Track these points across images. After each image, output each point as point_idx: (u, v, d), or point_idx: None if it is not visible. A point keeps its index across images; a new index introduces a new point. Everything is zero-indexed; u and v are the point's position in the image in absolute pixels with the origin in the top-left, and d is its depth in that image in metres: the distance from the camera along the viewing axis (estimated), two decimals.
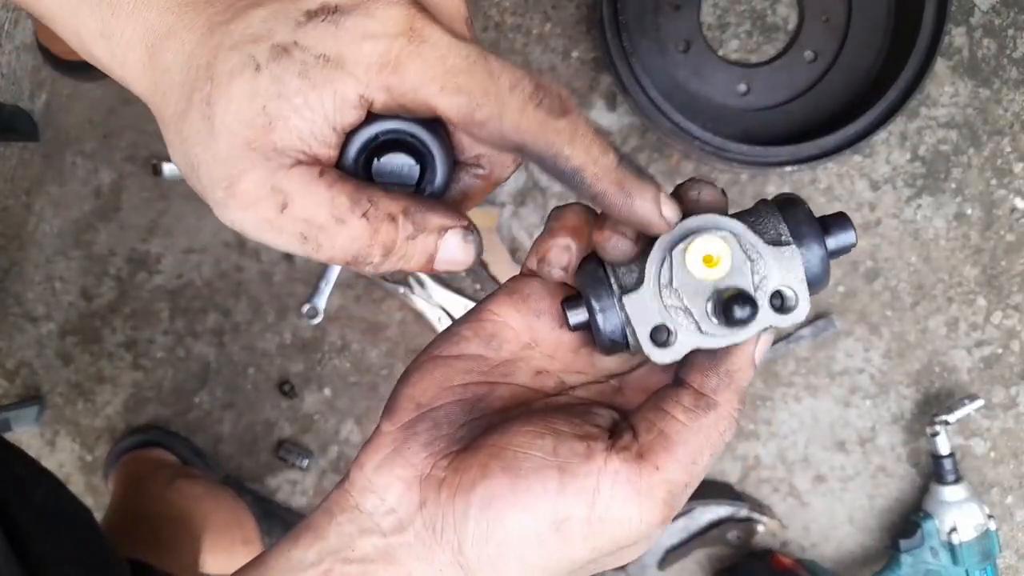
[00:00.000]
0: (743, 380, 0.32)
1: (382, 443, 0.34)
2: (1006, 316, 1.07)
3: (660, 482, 0.31)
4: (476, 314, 0.36)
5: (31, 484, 0.58)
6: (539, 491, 0.30)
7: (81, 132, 1.06)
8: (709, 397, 0.32)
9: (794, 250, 0.31)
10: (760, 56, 1.03)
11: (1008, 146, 1.05)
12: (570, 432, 0.32)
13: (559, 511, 0.30)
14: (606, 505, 0.30)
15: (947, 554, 1.00)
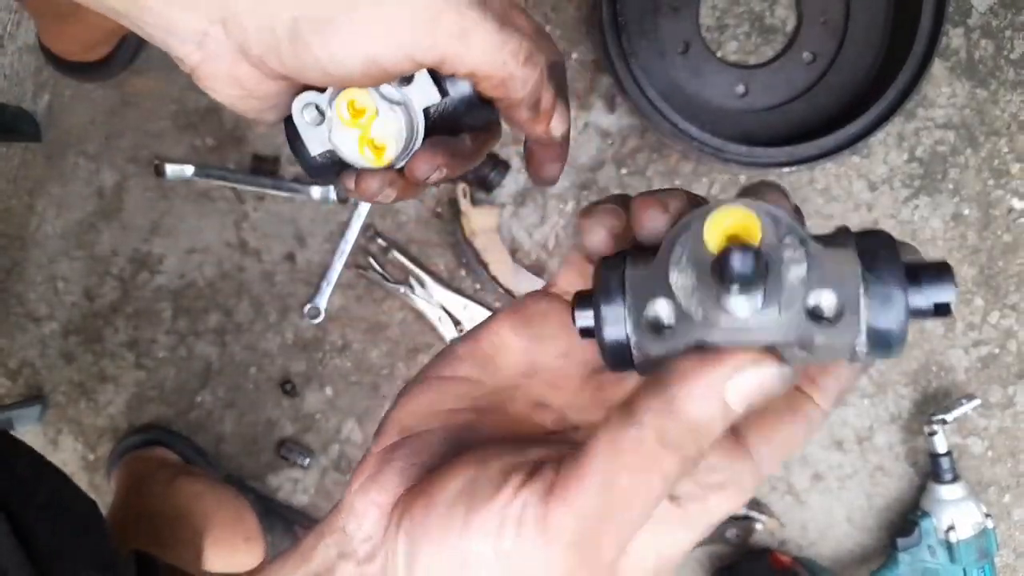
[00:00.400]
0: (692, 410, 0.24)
1: (366, 465, 0.32)
2: (1003, 316, 1.07)
3: (567, 518, 0.25)
4: (476, 331, 0.33)
5: (36, 480, 0.58)
6: (446, 528, 0.27)
7: (83, 133, 1.06)
8: (636, 409, 0.25)
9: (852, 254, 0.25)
10: (758, 57, 1.04)
11: (1005, 147, 1.05)
12: (497, 464, 0.28)
13: (464, 553, 0.27)
14: (511, 547, 0.26)
15: (945, 552, 1.00)
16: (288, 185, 1.05)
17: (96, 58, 1.02)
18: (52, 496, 0.58)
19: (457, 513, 0.27)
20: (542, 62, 0.37)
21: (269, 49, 0.35)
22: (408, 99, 0.37)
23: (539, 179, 0.43)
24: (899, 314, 0.24)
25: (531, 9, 1.04)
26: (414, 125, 0.38)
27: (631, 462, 0.24)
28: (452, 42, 0.34)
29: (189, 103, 1.06)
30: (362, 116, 0.37)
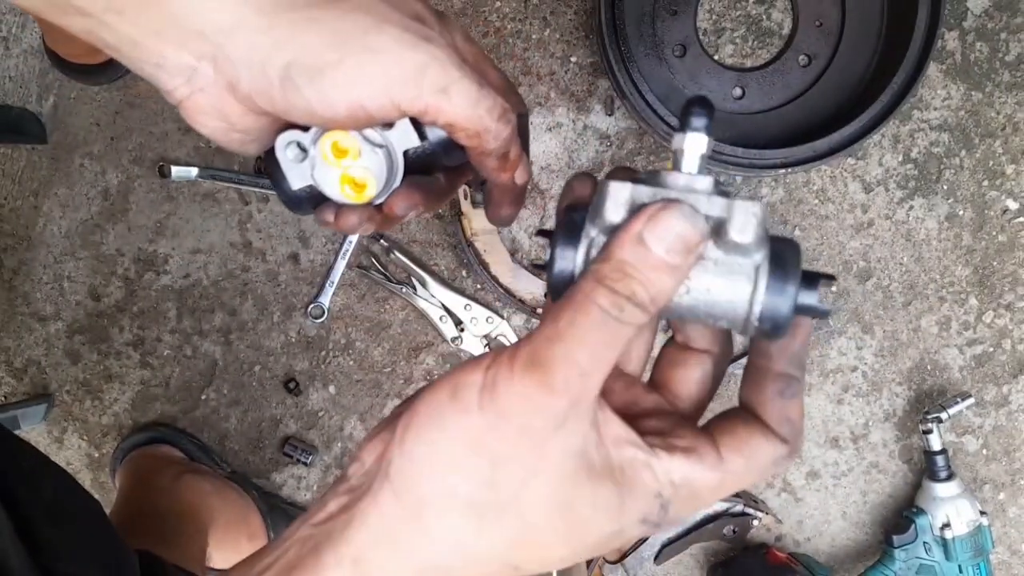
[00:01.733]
0: (623, 253, 0.30)
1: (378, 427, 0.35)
2: (997, 315, 1.08)
3: (524, 354, 0.30)
4: None
5: (40, 477, 0.58)
6: (437, 412, 0.30)
7: (88, 134, 1.07)
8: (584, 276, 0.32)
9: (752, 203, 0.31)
10: (755, 60, 1.05)
11: (1000, 148, 1.06)
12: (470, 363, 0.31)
13: (452, 422, 0.30)
14: (489, 401, 0.30)
15: (940, 549, 1.01)
16: None
17: (101, 60, 1.02)
18: (57, 494, 0.58)
19: (443, 398, 0.30)
20: (513, 120, 0.40)
21: (259, 90, 0.37)
22: (390, 142, 0.40)
23: (497, 219, 0.47)
24: (787, 305, 0.31)
25: (530, 14, 1.05)
26: (394, 166, 0.40)
27: (574, 299, 0.30)
28: (435, 96, 0.37)
29: None
30: (345, 156, 0.39)
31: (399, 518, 0.30)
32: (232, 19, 0.36)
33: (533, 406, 0.29)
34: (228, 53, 0.36)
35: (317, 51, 0.36)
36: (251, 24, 0.36)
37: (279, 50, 0.36)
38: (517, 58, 1.06)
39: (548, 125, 1.06)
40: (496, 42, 1.05)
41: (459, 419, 0.30)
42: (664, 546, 1.07)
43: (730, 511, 1.06)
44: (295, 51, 0.36)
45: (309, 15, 0.36)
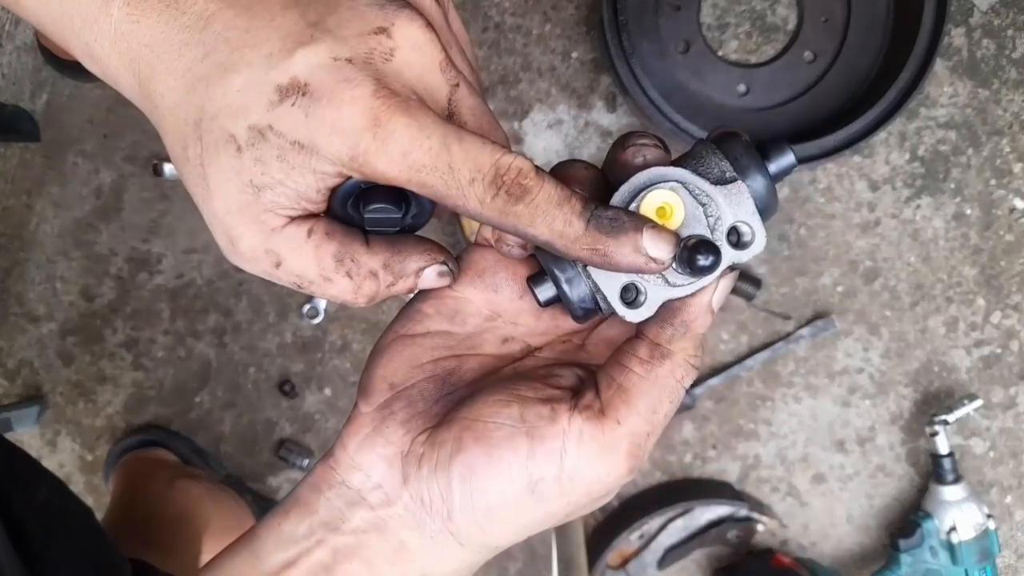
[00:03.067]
0: (700, 328, 0.33)
1: (361, 423, 0.35)
2: (1005, 316, 1.07)
3: (623, 435, 0.32)
4: (435, 291, 0.37)
5: (34, 482, 0.58)
6: (511, 458, 0.32)
7: (82, 132, 1.06)
8: (664, 347, 0.32)
9: (740, 185, 0.32)
10: (759, 56, 1.04)
11: (1007, 146, 1.05)
12: (534, 397, 0.33)
13: (532, 474, 0.32)
14: (574, 463, 0.32)
15: (946, 553, 1.00)
16: None
17: None
18: (50, 499, 0.57)
19: (520, 443, 0.32)
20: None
21: None
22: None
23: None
24: (769, 190, 0.32)
25: (531, 9, 1.04)
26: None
27: (671, 389, 0.32)
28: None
29: None
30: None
31: (464, 561, 0.34)
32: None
33: (613, 484, 0.33)
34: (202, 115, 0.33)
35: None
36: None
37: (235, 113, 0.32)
38: (517, 53, 1.04)
39: (549, 122, 1.05)
40: (496, 37, 1.04)
41: (536, 507, 0.32)
42: (668, 551, 1.05)
43: (734, 515, 1.05)
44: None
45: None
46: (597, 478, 0.32)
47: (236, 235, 0.32)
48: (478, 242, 0.37)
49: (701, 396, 1.06)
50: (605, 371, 0.33)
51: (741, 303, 1.06)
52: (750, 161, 0.32)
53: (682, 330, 0.32)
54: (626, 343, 0.34)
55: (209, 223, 0.33)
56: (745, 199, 0.32)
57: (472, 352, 0.37)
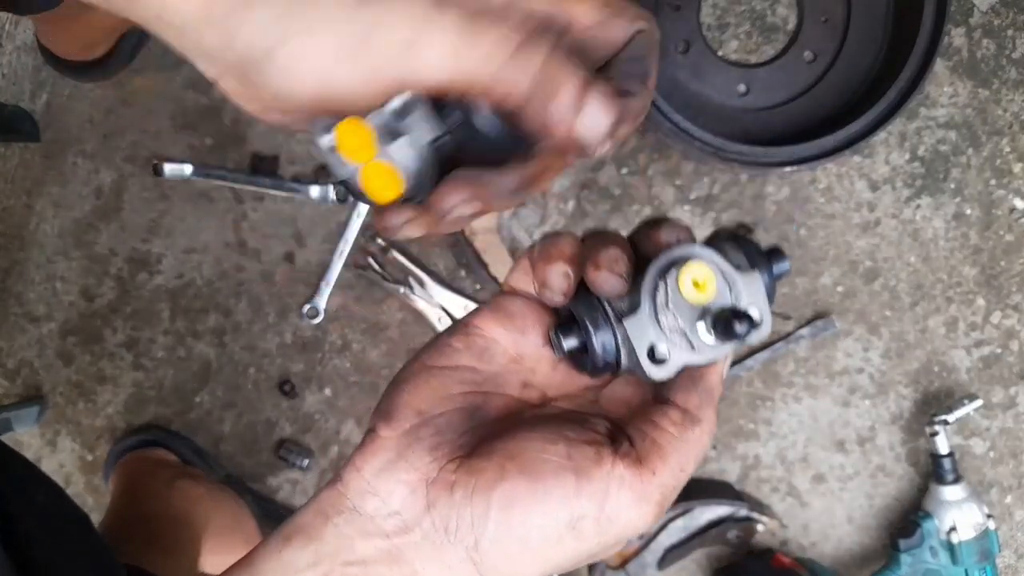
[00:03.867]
0: (717, 396, 0.36)
1: (382, 447, 0.35)
2: (1005, 316, 1.07)
3: (656, 486, 0.34)
4: (464, 328, 0.38)
5: (31, 487, 0.57)
6: (558, 493, 0.33)
7: (82, 132, 1.06)
8: (693, 413, 0.35)
9: (756, 275, 0.36)
10: (759, 56, 1.04)
11: (1007, 146, 1.05)
12: (579, 438, 0.34)
13: (575, 511, 0.33)
14: (614, 506, 0.33)
15: (946, 553, 1.00)
16: (287, 185, 1.05)
17: (94, 57, 1.01)
18: (48, 502, 0.57)
19: (567, 479, 0.33)
20: (543, 48, 0.33)
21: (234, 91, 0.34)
22: (410, 131, 0.34)
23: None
24: (773, 287, 0.38)
25: None
26: (421, 158, 0.35)
27: (698, 451, 0.35)
28: (401, 59, 0.32)
29: (188, 102, 1.06)
30: (359, 149, 0.33)
31: None
32: (197, 11, 0.32)
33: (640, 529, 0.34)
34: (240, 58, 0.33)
35: (262, 31, 0.32)
36: (215, 14, 0.32)
37: (232, 42, 0.32)
38: None
39: None
40: None
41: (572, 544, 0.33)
42: (668, 551, 1.05)
43: (734, 516, 1.05)
44: (245, 38, 0.32)
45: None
46: (630, 522, 0.34)
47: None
48: (508, 290, 0.39)
49: None
50: (637, 427, 0.35)
51: None
52: (761, 260, 0.37)
53: (707, 398, 0.36)
54: (657, 405, 0.36)
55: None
56: (759, 287, 0.36)
57: (497, 391, 0.38)
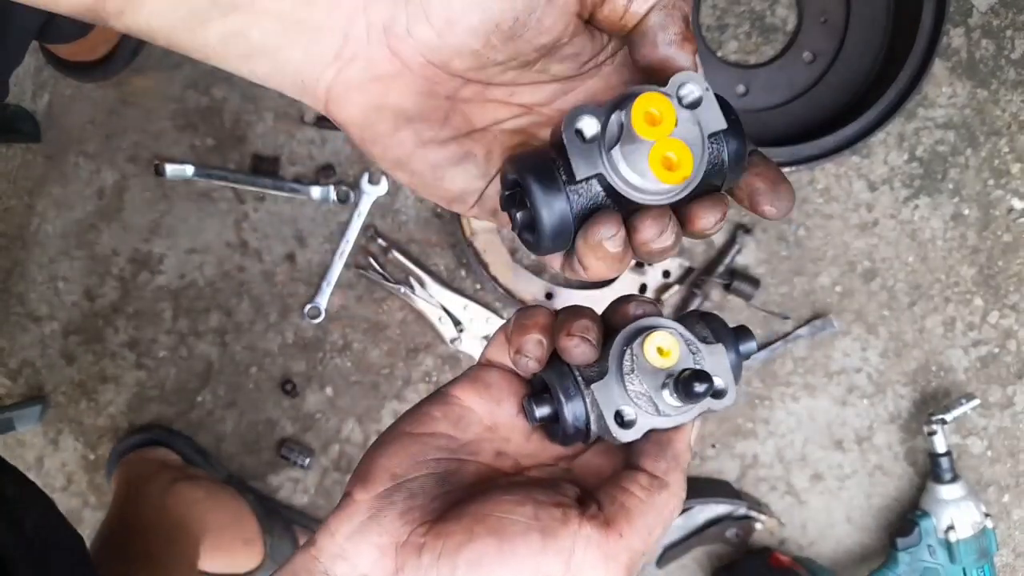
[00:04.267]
0: (685, 462, 0.37)
1: (355, 511, 0.36)
2: (1003, 316, 1.07)
3: (624, 548, 0.34)
4: (443, 398, 0.39)
5: (23, 508, 0.57)
6: (524, 552, 0.33)
7: (83, 133, 1.06)
8: (661, 478, 0.36)
9: (720, 347, 0.37)
10: (759, 57, 1.04)
11: (1006, 147, 1.05)
12: (547, 500, 0.35)
13: (541, 570, 0.33)
14: (579, 565, 0.34)
15: (944, 552, 1.00)
16: (288, 185, 1.05)
17: (96, 57, 1.02)
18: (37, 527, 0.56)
19: (533, 538, 0.34)
20: None
21: (416, 7, 0.34)
22: (700, 118, 0.33)
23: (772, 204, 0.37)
24: (739, 362, 0.39)
25: None
26: (703, 145, 0.33)
27: (666, 514, 0.36)
28: None
29: (189, 103, 1.06)
30: (661, 123, 0.32)
31: None
32: None
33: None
34: None
35: None
36: None
37: None
38: None
39: None
40: None
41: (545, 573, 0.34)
42: (667, 549, 1.06)
43: (733, 514, 1.05)
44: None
45: None
46: None
47: None
48: (485, 362, 0.40)
49: None
50: (607, 491, 0.36)
51: (740, 303, 1.06)
52: (727, 336, 0.38)
53: (674, 464, 0.36)
54: (626, 471, 0.37)
55: None
56: (723, 358, 0.37)
57: (471, 458, 0.39)
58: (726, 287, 1.04)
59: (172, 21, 0.34)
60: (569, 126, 0.33)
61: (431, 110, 0.36)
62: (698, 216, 0.35)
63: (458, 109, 0.37)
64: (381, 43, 0.35)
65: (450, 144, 0.37)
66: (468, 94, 0.37)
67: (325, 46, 0.35)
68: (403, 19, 0.34)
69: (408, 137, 0.36)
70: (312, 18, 0.34)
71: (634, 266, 1.04)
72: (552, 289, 1.04)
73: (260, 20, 0.34)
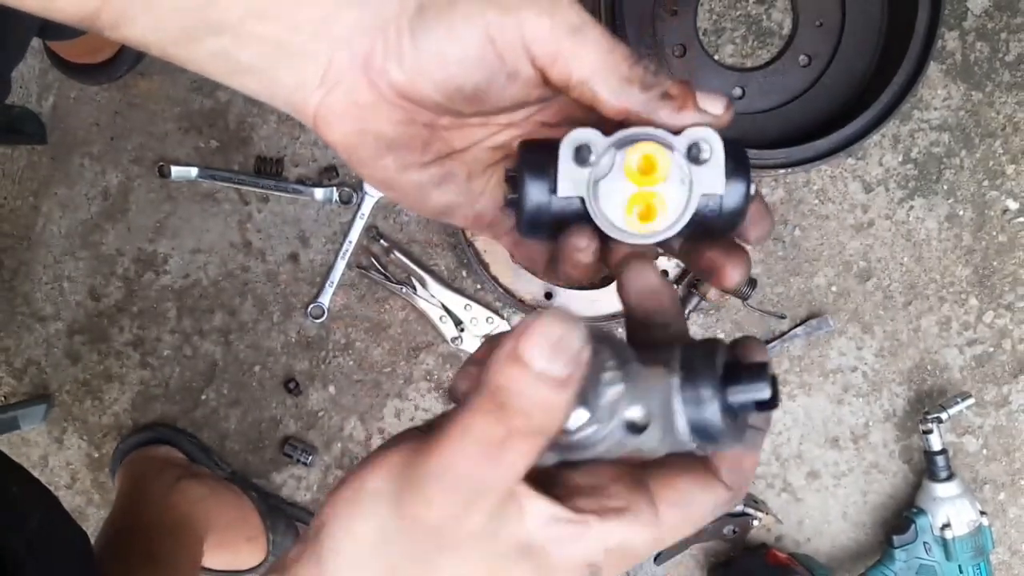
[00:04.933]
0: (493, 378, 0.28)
1: None
2: (998, 315, 1.08)
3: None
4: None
5: (28, 507, 0.56)
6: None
7: (88, 134, 1.07)
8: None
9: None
10: (755, 60, 1.05)
11: (1000, 148, 1.06)
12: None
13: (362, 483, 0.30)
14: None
15: (940, 549, 1.01)
16: (292, 186, 1.06)
17: (101, 60, 1.02)
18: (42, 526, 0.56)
19: (351, 510, 0.30)
20: (652, 68, 0.35)
21: (393, 50, 0.35)
22: (693, 178, 0.34)
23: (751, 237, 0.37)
24: (713, 413, 0.28)
25: None
26: (687, 206, 0.34)
27: (449, 440, 0.27)
28: (568, 38, 0.33)
29: (194, 105, 1.07)
30: (651, 174, 0.33)
31: None
32: None
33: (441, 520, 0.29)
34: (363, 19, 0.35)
35: None
36: None
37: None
38: None
39: None
40: None
41: (362, 525, 0.29)
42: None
43: (730, 511, 1.06)
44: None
45: None
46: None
47: None
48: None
49: None
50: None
51: (736, 303, 1.07)
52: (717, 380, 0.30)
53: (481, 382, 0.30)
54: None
55: None
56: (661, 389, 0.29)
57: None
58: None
59: (164, 37, 0.35)
60: (568, 146, 0.34)
61: (411, 138, 0.37)
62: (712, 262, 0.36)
63: (438, 135, 0.38)
64: (361, 73, 0.36)
65: (431, 167, 0.38)
66: (446, 122, 0.38)
67: (310, 71, 0.36)
68: (380, 56, 0.35)
69: (391, 163, 0.37)
70: (297, 43, 0.35)
71: None
72: (552, 289, 1.05)
73: (247, 42, 0.35)
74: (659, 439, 0.29)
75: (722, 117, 0.35)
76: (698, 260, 0.36)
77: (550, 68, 0.34)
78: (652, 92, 0.34)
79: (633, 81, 0.34)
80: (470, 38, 0.34)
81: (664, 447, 0.29)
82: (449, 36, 0.34)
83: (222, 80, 0.37)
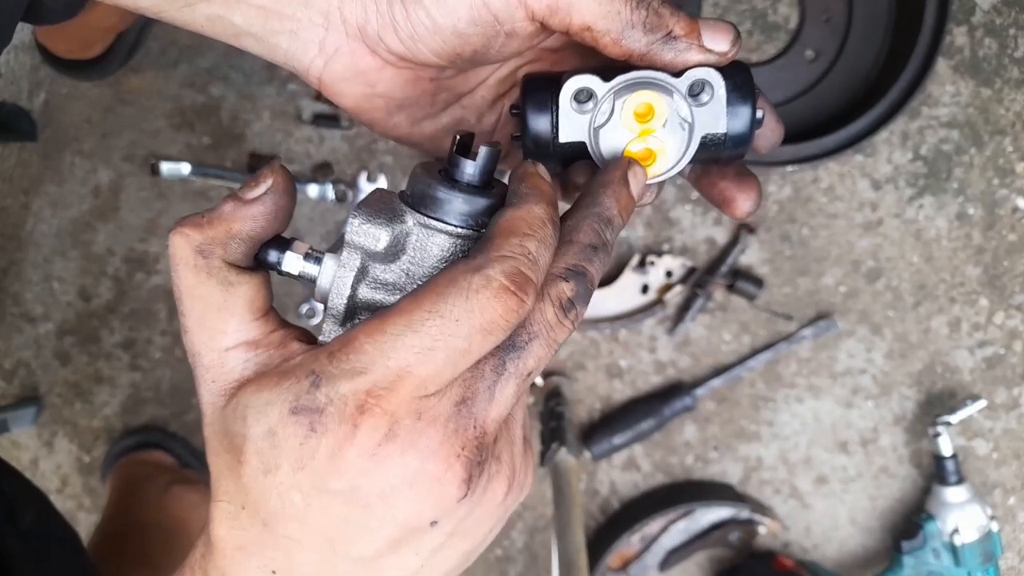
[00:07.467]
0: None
1: None
2: (1008, 316, 1.06)
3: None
4: None
5: (22, 505, 0.57)
6: None
7: (79, 131, 1.05)
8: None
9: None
10: (761, 55, 1.03)
11: (1010, 145, 1.05)
12: None
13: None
14: None
15: (949, 555, 0.99)
16: None
17: (92, 56, 1.01)
18: (35, 523, 0.57)
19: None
20: (655, 6, 0.35)
21: (386, 21, 0.35)
22: (694, 120, 0.35)
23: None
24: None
25: None
26: (686, 150, 0.36)
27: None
28: None
29: (186, 101, 1.05)
30: (647, 122, 0.35)
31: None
32: None
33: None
34: None
35: None
36: None
37: None
38: None
39: None
40: None
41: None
42: (669, 553, 1.04)
43: (736, 518, 1.04)
44: None
45: None
46: None
47: None
48: None
49: (703, 397, 1.05)
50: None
51: (743, 303, 1.05)
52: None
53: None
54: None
55: None
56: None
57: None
58: (729, 287, 1.03)
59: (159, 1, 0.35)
60: (568, 92, 0.35)
61: (419, 95, 0.38)
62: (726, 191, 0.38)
63: (443, 85, 0.39)
64: (359, 42, 0.36)
65: (442, 116, 0.39)
66: (450, 72, 0.39)
67: (307, 37, 0.36)
68: (375, 26, 0.35)
69: (402, 120, 0.39)
70: (287, 10, 0.36)
71: (636, 266, 1.03)
72: None
73: (240, 6, 0.35)
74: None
75: (727, 54, 0.35)
76: (710, 190, 0.38)
77: (549, 19, 0.34)
78: (655, 35, 0.34)
79: (636, 24, 0.34)
80: (460, 7, 0.34)
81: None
82: (439, 7, 0.34)
83: (226, 41, 0.37)
